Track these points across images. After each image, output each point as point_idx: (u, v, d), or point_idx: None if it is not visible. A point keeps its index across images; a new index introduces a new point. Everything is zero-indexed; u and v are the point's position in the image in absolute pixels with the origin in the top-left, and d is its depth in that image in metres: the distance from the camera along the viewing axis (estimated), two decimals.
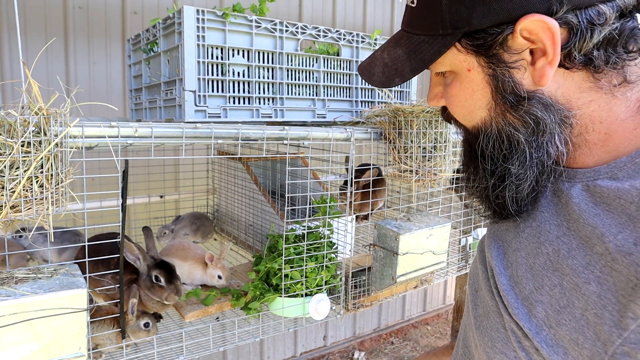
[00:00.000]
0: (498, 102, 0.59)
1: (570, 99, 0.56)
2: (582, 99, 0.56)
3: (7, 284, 0.79)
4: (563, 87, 0.56)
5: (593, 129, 0.57)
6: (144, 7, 2.08)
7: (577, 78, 0.55)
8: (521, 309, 0.59)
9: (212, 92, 1.09)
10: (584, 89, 0.56)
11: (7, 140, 0.73)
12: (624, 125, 0.56)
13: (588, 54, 0.53)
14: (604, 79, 0.55)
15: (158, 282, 1.11)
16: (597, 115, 0.57)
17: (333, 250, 1.29)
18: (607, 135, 0.57)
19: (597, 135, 0.58)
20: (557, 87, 0.56)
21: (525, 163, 0.60)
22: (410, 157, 1.24)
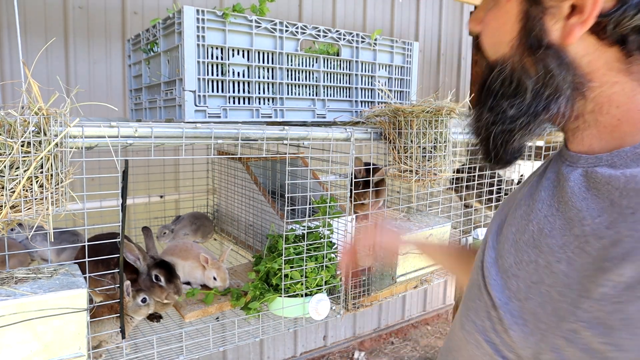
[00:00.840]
0: (521, 41, 0.58)
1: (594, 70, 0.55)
2: (606, 76, 0.55)
3: (7, 284, 0.79)
4: (591, 57, 0.55)
5: (608, 112, 0.56)
6: (144, 7, 2.08)
7: (608, 54, 0.54)
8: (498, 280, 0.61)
9: (212, 92, 1.09)
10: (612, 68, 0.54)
11: (7, 140, 0.73)
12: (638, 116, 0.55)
13: (625, 34, 0.51)
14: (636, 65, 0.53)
15: (158, 281, 1.11)
16: (616, 98, 0.55)
17: (333, 250, 1.29)
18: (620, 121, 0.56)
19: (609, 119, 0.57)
20: (584, 54, 0.55)
21: (522, 109, 0.60)
22: (410, 157, 1.24)
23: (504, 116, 0.62)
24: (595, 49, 0.54)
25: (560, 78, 0.56)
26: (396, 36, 2.44)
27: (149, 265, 1.12)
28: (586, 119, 0.59)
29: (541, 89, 0.58)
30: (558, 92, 0.57)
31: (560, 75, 0.56)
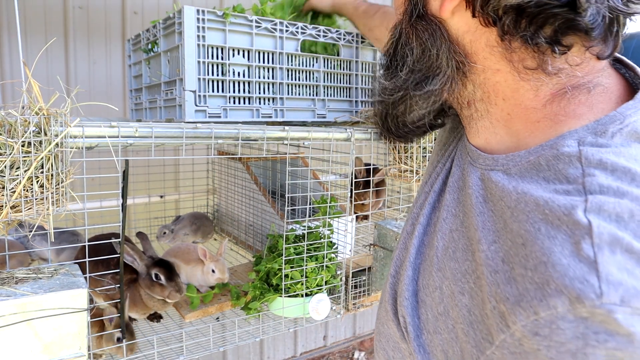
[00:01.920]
0: (407, 10, 0.55)
1: (476, 51, 0.51)
2: (489, 61, 0.51)
3: (8, 284, 0.79)
4: (472, 35, 0.51)
5: (496, 103, 0.52)
6: (144, 7, 2.08)
7: (488, 35, 0.49)
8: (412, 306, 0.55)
9: (213, 92, 1.09)
10: (494, 52, 0.50)
11: (8, 140, 0.73)
12: (527, 114, 0.50)
13: (498, 13, 0.47)
14: (515, 54, 0.49)
15: (158, 280, 1.11)
16: (501, 89, 0.51)
17: (333, 251, 1.29)
18: (510, 116, 0.52)
19: (499, 111, 0.52)
20: (465, 30, 0.51)
21: (397, 83, 0.57)
22: (411, 157, 1.24)
23: (383, 88, 0.59)
24: (475, 28, 0.50)
25: (436, 52, 0.53)
26: None
27: (147, 265, 1.12)
28: (478, 108, 0.55)
29: (416, 63, 0.55)
30: (435, 69, 0.53)
31: (435, 49, 0.53)
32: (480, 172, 0.53)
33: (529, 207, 0.43)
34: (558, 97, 0.48)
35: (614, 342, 0.36)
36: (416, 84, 0.55)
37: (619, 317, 0.35)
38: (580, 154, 0.44)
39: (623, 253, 0.37)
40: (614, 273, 0.36)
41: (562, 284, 0.38)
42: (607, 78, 0.50)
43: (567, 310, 0.37)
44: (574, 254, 0.38)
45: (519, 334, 0.40)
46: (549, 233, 0.40)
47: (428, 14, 0.53)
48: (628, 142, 0.45)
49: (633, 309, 0.35)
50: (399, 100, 0.58)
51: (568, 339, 0.37)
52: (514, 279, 0.42)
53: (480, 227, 0.48)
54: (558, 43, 0.46)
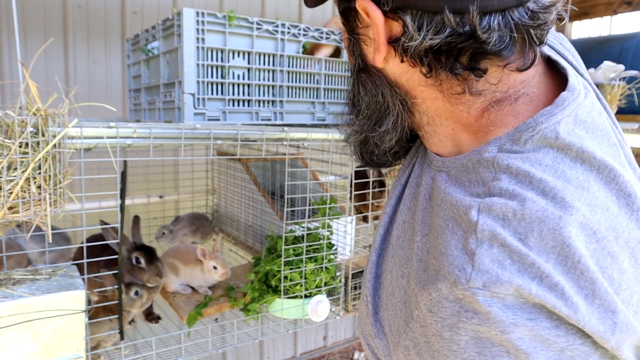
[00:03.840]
0: (354, 65, 0.61)
1: (413, 87, 0.57)
2: (425, 93, 0.57)
3: (5, 285, 0.79)
4: (406, 75, 0.57)
5: (441, 123, 0.59)
6: (144, 7, 2.08)
7: (418, 73, 0.55)
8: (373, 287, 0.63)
9: (212, 95, 1.09)
10: (427, 85, 0.56)
11: (5, 141, 0.73)
12: (466, 128, 0.57)
13: (419, 55, 0.52)
14: (445, 84, 0.54)
15: (138, 264, 1.12)
16: (441, 112, 0.57)
17: (332, 252, 1.28)
18: (454, 131, 0.58)
19: (445, 129, 0.59)
20: (400, 72, 0.57)
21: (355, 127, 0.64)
22: None
23: (351, 130, 0.66)
24: (406, 69, 0.56)
25: (381, 97, 0.59)
26: None
27: (128, 249, 1.13)
28: (427, 130, 0.61)
29: (368, 109, 0.61)
30: (386, 111, 0.60)
31: (379, 93, 0.59)
32: (433, 173, 0.60)
33: (447, 205, 0.52)
34: (486, 111, 0.54)
35: (477, 319, 0.44)
36: (372, 126, 0.62)
37: (479, 299, 0.44)
38: (494, 160, 0.51)
39: (499, 247, 0.45)
40: (485, 263, 0.44)
41: (448, 271, 0.46)
42: (534, 87, 0.55)
43: (449, 292, 0.46)
44: (462, 247, 0.47)
45: (424, 310, 0.49)
46: (453, 229, 0.49)
47: (368, 65, 0.59)
48: (538, 147, 0.50)
49: (492, 292, 0.43)
50: (364, 141, 0.65)
51: (448, 315, 0.46)
52: (428, 266, 0.51)
53: (420, 220, 0.57)
54: (475, 69, 0.52)
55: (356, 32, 0.58)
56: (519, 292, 0.43)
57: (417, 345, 0.50)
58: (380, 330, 0.59)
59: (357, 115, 0.64)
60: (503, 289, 0.43)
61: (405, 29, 0.51)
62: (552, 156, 0.49)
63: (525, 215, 0.46)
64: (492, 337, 0.43)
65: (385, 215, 0.68)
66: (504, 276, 0.43)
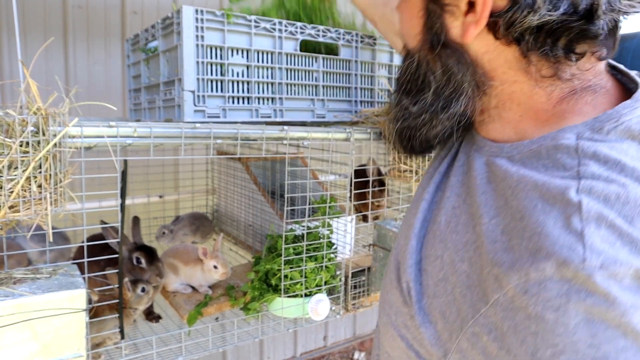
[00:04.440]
0: (425, 37, 0.58)
1: (495, 68, 0.55)
2: (506, 75, 0.55)
3: (6, 284, 0.79)
4: (491, 55, 0.54)
5: (510, 108, 0.57)
6: (144, 7, 2.08)
7: (507, 53, 0.53)
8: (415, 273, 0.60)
9: (211, 92, 1.09)
10: (512, 66, 0.54)
11: (6, 140, 0.73)
12: (537, 115, 0.55)
13: (521, 33, 0.50)
14: (533, 66, 0.53)
15: (139, 264, 1.12)
16: (517, 96, 0.55)
17: (333, 251, 1.28)
18: (521, 118, 0.56)
19: (512, 115, 0.57)
20: (485, 51, 0.54)
21: (424, 107, 0.60)
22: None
23: (407, 112, 0.62)
24: (494, 48, 0.54)
25: (460, 77, 0.56)
26: None
27: (129, 249, 1.13)
28: (491, 114, 0.59)
29: (442, 88, 0.58)
30: (459, 91, 0.57)
31: (461, 73, 0.56)
32: (485, 158, 0.58)
33: (528, 187, 0.49)
34: (567, 97, 0.53)
35: (591, 300, 0.42)
36: (443, 107, 0.59)
37: (597, 280, 0.41)
38: (577, 146, 0.49)
39: (607, 228, 0.43)
40: (597, 243, 0.43)
41: (552, 251, 0.44)
42: (607, 81, 0.54)
43: (554, 273, 0.43)
44: (565, 227, 0.45)
45: (511, 293, 0.46)
46: (544, 209, 0.47)
47: (449, 41, 0.55)
48: (621, 139, 0.49)
49: (610, 273, 0.41)
50: (425, 123, 0.62)
51: (553, 296, 0.43)
52: (511, 247, 0.48)
53: (483, 204, 0.54)
54: (573, 52, 0.50)
55: (443, 1, 0.54)
56: (637, 274, 0.42)
57: (494, 330, 0.48)
58: (426, 319, 0.56)
59: (424, 93, 0.60)
60: (622, 270, 0.42)
61: (513, 3, 0.49)
62: (635, 148, 0.49)
63: (629, 199, 0.44)
64: (609, 319, 0.42)
65: (423, 202, 0.65)
66: (621, 257, 0.42)
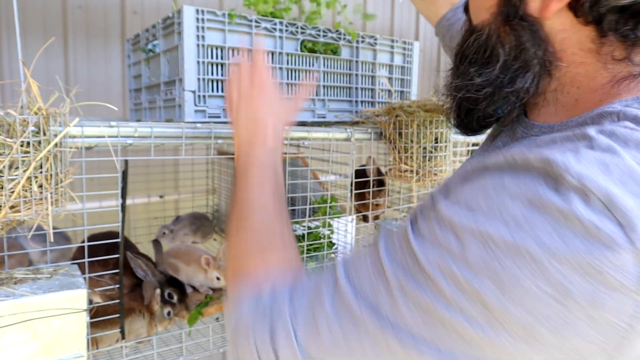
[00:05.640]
0: (500, 10, 0.56)
1: (565, 49, 0.53)
2: (575, 56, 0.53)
3: (6, 284, 0.79)
4: (566, 34, 0.52)
5: (568, 92, 0.55)
6: (144, 7, 2.08)
7: (582, 33, 0.51)
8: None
9: (212, 92, 1.09)
10: (583, 47, 0.52)
11: (6, 140, 0.73)
12: (594, 96, 0.53)
13: (602, 13, 0.49)
14: (607, 47, 0.51)
15: (170, 299, 1.14)
16: (579, 79, 0.54)
17: (333, 251, 1.28)
18: (577, 101, 0.55)
19: (568, 99, 0.56)
20: (560, 29, 0.52)
21: (488, 79, 0.59)
22: (411, 157, 1.23)
23: (470, 83, 0.61)
24: (571, 26, 0.52)
25: (532, 53, 0.55)
26: (396, 36, 2.44)
27: (160, 281, 1.14)
28: (547, 97, 0.58)
29: (511, 61, 0.57)
30: (526, 67, 0.56)
31: (532, 49, 0.54)
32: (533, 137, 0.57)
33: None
34: (629, 79, 0.51)
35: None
36: (508, 81, 0.57)
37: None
38: (620, 111, 0.47)
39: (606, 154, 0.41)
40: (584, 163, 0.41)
41: (544, 155, 0.43)
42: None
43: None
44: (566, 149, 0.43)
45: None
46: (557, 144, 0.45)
47: (527, 14, 0.54)
48: None
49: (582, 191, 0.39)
50: (486, 97, 0.60)
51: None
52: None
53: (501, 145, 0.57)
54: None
55: None
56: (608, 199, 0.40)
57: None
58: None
59: (491, 65, 0.58)
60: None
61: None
62: None
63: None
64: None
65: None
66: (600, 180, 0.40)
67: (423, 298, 0.43)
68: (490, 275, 0.40)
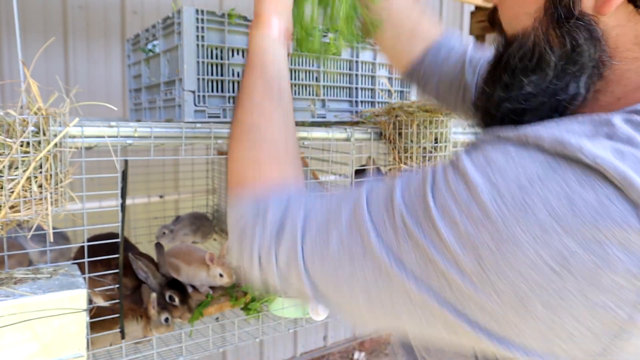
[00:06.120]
0: (547, 12, 0.51)
1: (620, 45, 0.49)
2: (630, 52, 0.49)
3: (6, 284, 0.79)
4: (621, 29, 0.48)
5: (612, 91, 0.51)
6: (144, 7, 2.08)
7: (637, 26, 0.47)
8: None
9: (212, 92, 1.09)
10: (638, 41, 0.48)
11: (6, 140, 0.73)
12: (637, 94, 0.49)
13: None
14: None
15: (172, 301, 1.13)
16: (628, 76, 0.50)
17: None
18: (619, 101, 0.50)
19: (610, 97, 0.51)
20: (615, 24, 0.48)
21: (541, 86, 0.53)
22: (411, 157, 1.23)
23: (519, 93, 0.55)
24: (627, 20, 0.48)
25: (587, 54, 0.50)
26: None
27: (161, 284, 1.13)
28: (587, 97, 0.52)
29: (565, 65, 0.51)
30: (581, 71, 0.51)
31: (588, 50, 0.50)
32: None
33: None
34: None
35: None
36: (564, 86, 0.52)
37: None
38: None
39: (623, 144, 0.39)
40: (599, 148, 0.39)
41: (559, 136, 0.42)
42: None
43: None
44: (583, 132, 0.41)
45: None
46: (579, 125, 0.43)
47: (582, 13, 0.49)
48: None
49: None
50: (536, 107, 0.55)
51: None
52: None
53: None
54: None
55: None
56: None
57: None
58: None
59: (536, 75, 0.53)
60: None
61: None
62: None
63: None
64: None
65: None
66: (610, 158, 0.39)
67: (422, 241, 0.43)
68: (490, 231, 0.39)
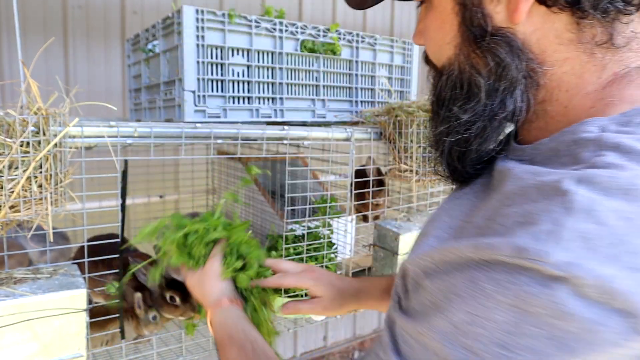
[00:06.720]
0: (464, 37, 0.51)
1: (545, 49, 0.48)
2: (557, 54, 0.48)
3: (6, 284, 0.79)
4: (540, 32, 0.48)
5: (557, 98, 0.49)
6: (144, 7, 2.08)
7: (558, 23, 0.47)
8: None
9: (212, 92, 1.09)
10: (563, 41, 0.47)
11: (6, 140, 0.73)
12: (584, 101, 0.48)
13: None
14: (587, 31, 0.46)
15: (173, 302, 1.13)
16: (566, 80, 0.49)
17: (333, 251, 1.28)
18: (566, 109, 0.49)
19: (557, 107, 0.50)
20: (533, 30, 0.48)
21: (477, 111, 0.52)
22: (411, 157, 1.23)
23: (458, 123, 0.53)
24: (543, 22, 0.47)
25: (514, 67, 0.49)
26: (396, 36, 2.44)
27: (161, 285, 1.13)
28: (536, 110, 0.51)
29: (495, 84, 0.50)
30: (513, 84, 0.50)
31: (513, 62, 0.49)
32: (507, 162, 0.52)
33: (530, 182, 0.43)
34: (619, 77, 0.47)
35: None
36: (500, 105, 0.51)
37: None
38: (599, 138, 0.42)
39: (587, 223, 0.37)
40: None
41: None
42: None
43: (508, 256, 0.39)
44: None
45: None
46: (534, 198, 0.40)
47: (496, 28, 0.49)
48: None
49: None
50: (478, 133, 0.53)
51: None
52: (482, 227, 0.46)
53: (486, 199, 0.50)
54: (629, 3, 0.45)
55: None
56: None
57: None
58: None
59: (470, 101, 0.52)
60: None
61: None
62: None
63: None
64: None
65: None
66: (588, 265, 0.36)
67: None
68: None
